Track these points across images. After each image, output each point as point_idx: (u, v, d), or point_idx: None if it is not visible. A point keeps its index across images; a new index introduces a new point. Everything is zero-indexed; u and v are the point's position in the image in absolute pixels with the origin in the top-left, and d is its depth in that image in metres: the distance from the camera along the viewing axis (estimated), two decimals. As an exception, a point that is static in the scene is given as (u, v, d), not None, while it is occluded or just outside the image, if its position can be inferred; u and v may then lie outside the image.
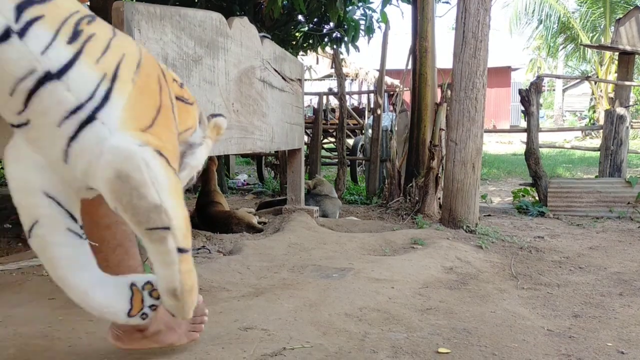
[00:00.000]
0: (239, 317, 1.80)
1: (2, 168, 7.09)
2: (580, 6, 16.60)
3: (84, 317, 1.79)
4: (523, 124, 4.76)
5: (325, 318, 1.84)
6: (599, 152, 4.90)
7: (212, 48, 2.42)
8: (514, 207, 4.51)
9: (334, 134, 7.13)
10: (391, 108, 8.03)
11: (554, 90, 28.01)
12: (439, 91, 4.55)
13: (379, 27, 5.46)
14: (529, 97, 4.45)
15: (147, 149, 0.97)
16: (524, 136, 4.60)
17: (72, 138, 0.97)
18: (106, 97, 0.98)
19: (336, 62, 5.55)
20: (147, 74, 1.08)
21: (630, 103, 5.51)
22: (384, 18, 5.23)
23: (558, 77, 8.43)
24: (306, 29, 5.50)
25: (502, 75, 22.39)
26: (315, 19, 5.41)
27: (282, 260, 2.58)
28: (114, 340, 1.40)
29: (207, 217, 3.50)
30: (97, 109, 0.97)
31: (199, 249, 2.70)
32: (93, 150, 0.96)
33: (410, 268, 2.51)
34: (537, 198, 4.46)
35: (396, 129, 4.88)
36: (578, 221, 3.92)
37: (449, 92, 3.59)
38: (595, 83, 15.21)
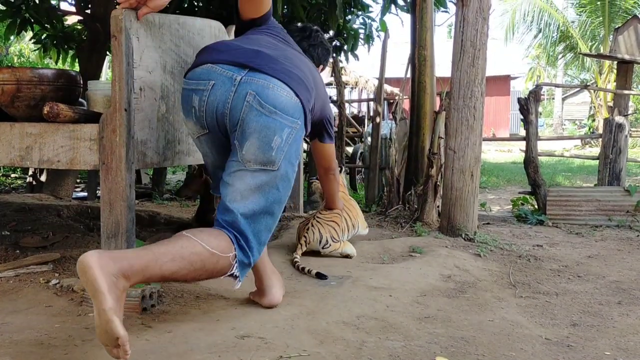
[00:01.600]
0: (236, 325, 1.80)
1: (3, 175, 7.09)
2: (580, 15, 16.69)
3: (81, 324, 1.79)
4: (522, 132, 4.77)
5: (323, 326, 1.84)
6: (598, 161, 4.91)
7: (211, 56, 2.42)
8: (513, 216, 4.51)
9: (334, 141, 7.13)
10: (390, 116, 8.04)
11: (553, 98, 28.08)
12: (437, 99, 4.56)
13: (379, 36, 5.49)
14: (528, 106, 4.46)
15: (367, 229, 3.27)
16: (523, 144, 4.60)
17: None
18: (357, 228, 3.11)
19: (336, 70, 5.57)
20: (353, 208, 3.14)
21: (629, 112, 5.52)
22: (384, 27, 5.25)
23: (557, 85, 8.46)
24: (306, 37, 5.51)
25: (501, 83, 22.46)
26: (315, 28, 5.42)
27: (280, 268, 2.57)
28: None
29: (206, 224, 3.50)
30: (358, 228, 3.13)
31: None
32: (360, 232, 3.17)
33: (408, 276, 2.51)
34: (536, 206, 4.46)
35: (395, 137, 4.89)
36: (577, 230, 3.91)
37: (447, 100, 3.59)
38: (595, 92, 15.25)
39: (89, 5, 4.93)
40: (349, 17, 5.19)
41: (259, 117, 1.72)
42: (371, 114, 7.95)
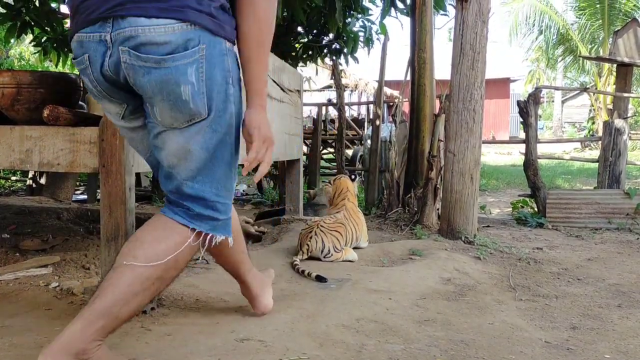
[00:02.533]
0: (235, 328, 1.80)
1: (3, 178, 7.09)
2: (579, 18, 16.70)
3: (80, 327, 1.79)
4: (522, 135, 4.78)
5: (322, 329, 1.84)
6: (597, 164, 4.91)
7: (211, 59, 2.42)
8: (513, 218, 4.51)
9: (333, 144, 7.14)
10: (390, 119, 8.05)
11: (553, 101, 28.09)
12: (437, 102, 4.57)
13: (378, 39, 5.50)
14: (528, 109, 4.47)
15: (367, 242, 3.22)
16: (522, 147, 4.61)
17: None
18: (360, 240, 3.13)
19: (335, 73, 5.58)
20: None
21: (629, 114, 5.52)
22: (383, 30, 5.26)
23: (557, 88, 8.45)
24: (306, 40, 5.53)
25: (501, 86, 22.47)
26: (315, 31, 5.44)
27: (280, 271, 2.58)
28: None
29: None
30: (360, 240, 3.17)
31: (196, 259, 2.69)
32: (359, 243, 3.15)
33: (408, 279, 2.51)
34: (536, 209, 4.46)
35: (395, 139, 4.89)
36: (577, 232, 3.92)
37: (447, 103, 3.60)
38: (594, 94, 15.26)
39: (89, 8, 4.93)
40: (349, 20, 5.20)
41: (149, 75, 1.36)
42: (371, 116, 7.95)
